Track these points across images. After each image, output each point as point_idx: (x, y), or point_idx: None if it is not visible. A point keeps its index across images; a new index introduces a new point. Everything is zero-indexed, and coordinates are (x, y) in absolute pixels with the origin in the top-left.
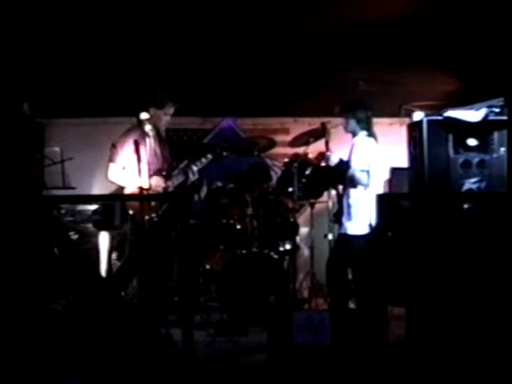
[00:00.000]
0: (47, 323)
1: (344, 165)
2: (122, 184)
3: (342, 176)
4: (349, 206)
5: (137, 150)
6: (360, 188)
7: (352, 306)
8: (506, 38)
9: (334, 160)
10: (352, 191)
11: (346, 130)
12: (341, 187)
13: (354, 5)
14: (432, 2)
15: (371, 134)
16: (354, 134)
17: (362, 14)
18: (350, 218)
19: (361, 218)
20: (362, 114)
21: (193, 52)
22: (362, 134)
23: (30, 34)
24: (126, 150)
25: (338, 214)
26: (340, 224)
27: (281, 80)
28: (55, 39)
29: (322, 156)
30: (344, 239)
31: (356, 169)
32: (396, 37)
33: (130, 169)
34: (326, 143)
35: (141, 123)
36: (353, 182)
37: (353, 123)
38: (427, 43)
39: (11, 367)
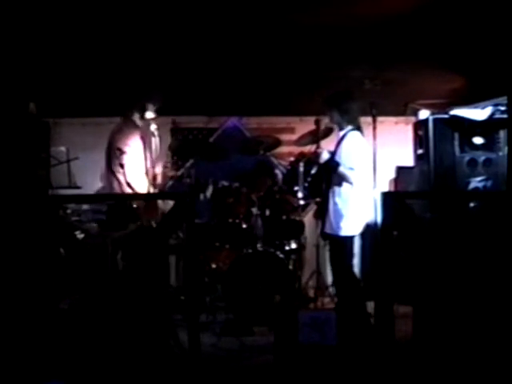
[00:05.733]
0: (55, 322)
1: (333, 162)
2: (137, 187)
3: (328, 173)
4: (335, 204)
5: (144, 149)
6: (347, 186)
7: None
8: (511, 36)
9: (324, 157)
10: (339, 189)
11: (332, 122)
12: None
13: (357, 3)
14: None
15: (357, 128)
16: (340, 127)
17: (365, 12)
18: (339, 218)
19: (350, 217)
20: (345, 105)
21: (198, 51)
22: (348, 127)
23: (35, 35)
24: (129, 151)
25: (323, 212)
26: (323, 221)
27: (286, 79)
28: (61, 39)
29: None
30: (336, 240)
31: (343, 165)
32: (400, 35)
33: (137, 169)
34: (317, 140)
35: (129, 121)
36: (340, 180)
37: (337, 115)
38: (432, 41)
39: (20, 366)
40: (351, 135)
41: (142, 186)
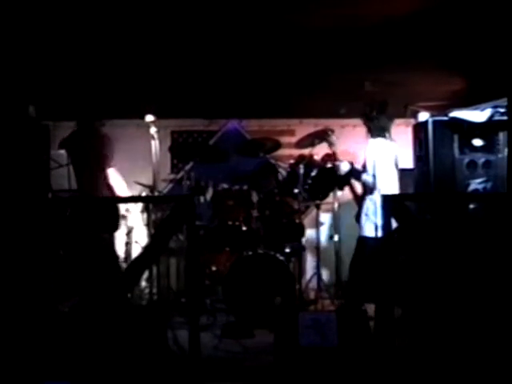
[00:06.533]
0: (55, 325)
1: (355, 172)
2: (119, 189)
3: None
4: (367, 208)
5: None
6: (375, 191)
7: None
8: (510, 37)
9: (343, 169)
10: (369, 194)
11: (368, 131)
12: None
13: (357, 4)
14: (436, 0)
15: (383, 134)
16: (372, 135)
17: (365, 13)
18: (366, 219)
19: (371, 219)
20: (376, 114)
21: (198, 54)
22: (373, 135)
23: (35, 38)
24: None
25: (358, 215)
26: (359, 224)
27: (286, 81)
28: (60, 42)
29: (329, 157)
30: (361, 241)
31: (366, 173)
32: (401, 36)
33: (117, 173)
34: (333, 153)
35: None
36: (366, 187)
37: (370, 124)
38: (432, 43)
39: (19, 368)
40: (372, 143)
41: (122, 190)
